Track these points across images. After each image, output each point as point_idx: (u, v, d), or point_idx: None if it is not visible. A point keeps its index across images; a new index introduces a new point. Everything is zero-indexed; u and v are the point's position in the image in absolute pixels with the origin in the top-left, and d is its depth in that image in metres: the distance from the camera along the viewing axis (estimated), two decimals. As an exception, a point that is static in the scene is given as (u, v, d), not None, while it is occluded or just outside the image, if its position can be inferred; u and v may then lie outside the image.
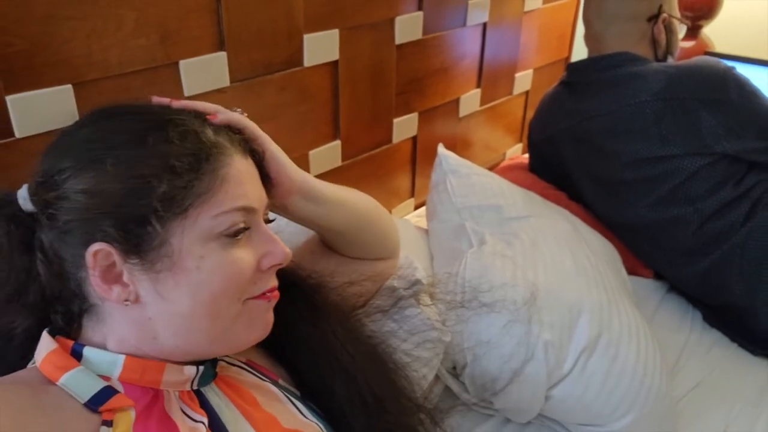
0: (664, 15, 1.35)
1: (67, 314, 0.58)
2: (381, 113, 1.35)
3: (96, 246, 0.52)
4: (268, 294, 0.59)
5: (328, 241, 0.79)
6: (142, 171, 0.53)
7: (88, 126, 0.57)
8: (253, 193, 0.59)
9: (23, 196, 0.56)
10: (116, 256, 0.53)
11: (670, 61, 1.40)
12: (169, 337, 0.55)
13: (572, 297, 1.00)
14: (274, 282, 0.60)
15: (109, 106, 0.59)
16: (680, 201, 1.22)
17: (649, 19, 1.34)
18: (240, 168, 0.58)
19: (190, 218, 0.54)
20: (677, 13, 1.40)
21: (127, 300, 0.54)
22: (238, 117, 0.64)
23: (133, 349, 0.56)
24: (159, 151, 0.54)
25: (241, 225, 0.56)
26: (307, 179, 0.70)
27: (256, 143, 0.65)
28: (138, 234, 0.53)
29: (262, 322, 0.60)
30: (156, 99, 0.63)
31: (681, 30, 1.42)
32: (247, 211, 0.57)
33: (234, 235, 0.56)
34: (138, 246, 0.53)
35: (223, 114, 0.62)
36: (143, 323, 0.55)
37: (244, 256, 0.56)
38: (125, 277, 0.54)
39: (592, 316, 0.98)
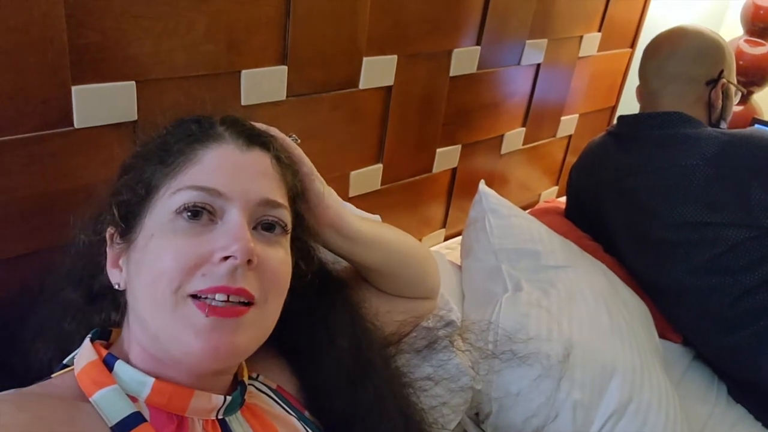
0: (723, 80, 1.33)
1: (110, 311, 0.60)
2: (426, 142, 1.34)
3: (110, 229, 0.58)
4: (209, 296, 0.51)
5: (364, 276, 0.78)
6: (139, 157, 0.59)
7: None
8: (226, 180, 0.54)
9: None
10: (115, 237, 0.57)
11: (723, 126, 1.39)
12: (137, 332, 0.55)
13: (606, 357, 0.97)
14: (222, 281, 0.51)
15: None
16: (720, 271, 1.19)
17: (708, 83, 1.33)
18: (224, 156, 0.56)
19: (159, 198, 0.55)
20: (734, 79, 1.39)
21: (117, 283, 0.57)
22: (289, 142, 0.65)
23: (147, 360, 0.55)
24: (161, 140, 0.59)
25: (195, 206, 0.53)
26: (342, 215, 0.68)
27: (300, 168, 0.65)
28: (124, 214, 0.56)
29: (192, 330, 0.50)
30: None
31: (736, 97, 1.40)
32: (206, 191, 0.53)
33: (188, 216, 0.53)
34: (125, 228, 0.56)
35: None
36: (132, 314, 0.56)
37: (188, 243, 0.52)
38: (120, 261, 0.57)
39: (624, 379, 0.96)
